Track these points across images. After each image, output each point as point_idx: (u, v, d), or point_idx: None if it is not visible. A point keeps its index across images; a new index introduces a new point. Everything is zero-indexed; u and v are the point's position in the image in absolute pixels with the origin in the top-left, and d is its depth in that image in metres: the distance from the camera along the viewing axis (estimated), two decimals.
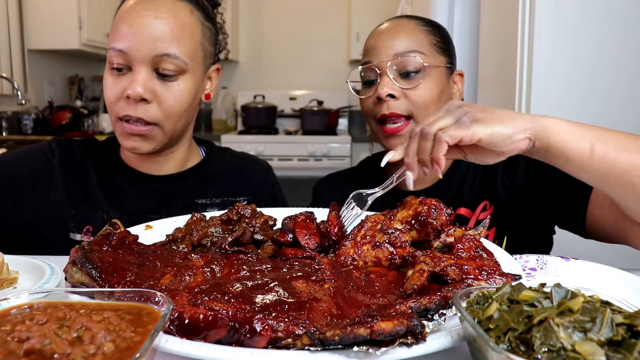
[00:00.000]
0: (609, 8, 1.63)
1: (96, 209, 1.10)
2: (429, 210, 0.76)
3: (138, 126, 1.02)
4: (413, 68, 1.08)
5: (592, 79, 1.66)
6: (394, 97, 1.08)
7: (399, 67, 1.09)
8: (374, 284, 0.67)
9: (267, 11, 4.70)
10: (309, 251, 0.78)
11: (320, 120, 4.30)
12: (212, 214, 0.94)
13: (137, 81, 1.00)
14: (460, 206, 1.13)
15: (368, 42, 1.16)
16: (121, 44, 1.00)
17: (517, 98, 1.72)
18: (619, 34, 1.64)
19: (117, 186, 1.14)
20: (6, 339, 0.46)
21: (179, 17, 1.04)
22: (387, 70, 1.08)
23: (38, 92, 3.95)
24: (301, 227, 0.82)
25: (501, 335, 0.46)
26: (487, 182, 1.14)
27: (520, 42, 1.69)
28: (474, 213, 1.12)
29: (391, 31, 1.13)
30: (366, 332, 0.48)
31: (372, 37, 1.15)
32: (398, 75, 1.09)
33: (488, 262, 0.67)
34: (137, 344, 0.46)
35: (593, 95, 1.67)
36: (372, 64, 1.11)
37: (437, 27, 1.17)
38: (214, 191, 1.19)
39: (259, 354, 0.50)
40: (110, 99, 1.03)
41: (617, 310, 0.48)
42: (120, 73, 1.02)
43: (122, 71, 1.02)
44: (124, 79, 1.02)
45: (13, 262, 0.83)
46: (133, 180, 1.16)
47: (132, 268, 0.67)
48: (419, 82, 1.08)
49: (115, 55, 1.01)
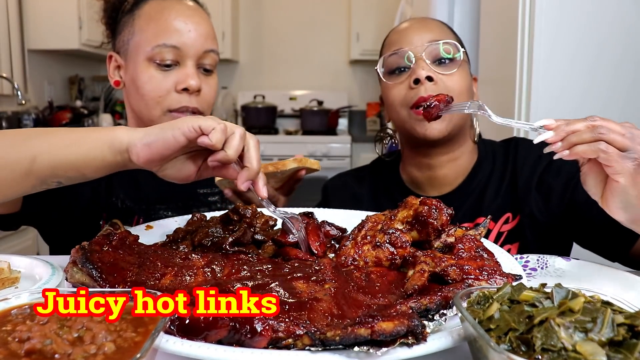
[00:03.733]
0: (609, 8, 1.63)
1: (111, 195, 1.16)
2: (429, 210, 0.76)
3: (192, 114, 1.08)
4: (448, 55, 1.05)
5: (592, 78, 1.66)
6: (432, 81, 1.03)
7: (434, 53, 1.05)
8: (375, 284, 0.67)
9: (267, 11, 4.70)
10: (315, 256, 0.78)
11: (320, 120, 4.30)
12: (212, 214, 0.94)
13: (193, 74, 1.07)
14: (480, 216, 1.08)
15: (394, 35, 1.12)
16: (175, 39, 1.06)
17: (517, 98, 1.72)
18: (619, 34, 1.64)
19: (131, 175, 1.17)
20: (7, 339, 0.46)
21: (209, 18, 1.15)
22: (423, 55, 1.04)
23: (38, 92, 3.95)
24: (313, 234, 0.82)
25: (502, 336, 0.46)
26: (515, 195, 1.08)
27: (520, 42, 1.69)
28: (495, 224, 1.08)
29: (421, 23, 1.11)
30: (367, 333, 0.48)
31: (399, 31, 1.11)
32: (432, 62, 1.05)
33: (489, 263, 0.67)
34: (138, 344, 0.46)
35: (593, 95, 1.67)
36: (405, 49, 1.06)
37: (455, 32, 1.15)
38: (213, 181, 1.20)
39: (259, 354, 0.50)
40: (160, 93, 1.07)
41: (618, 310, 0.48)
42: (168, 69, 1.07)
43: (171, 67, 1.07)
44: (172, 74, 1.07)
45: (14, 262, 0.83)
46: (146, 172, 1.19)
47: (133, 268, 0.67)
48: (454, 68, 1.05)
49: (167, 51, 1.05)
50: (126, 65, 1.11)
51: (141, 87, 1.07)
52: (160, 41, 1.05)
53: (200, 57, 1.09)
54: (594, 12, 1.63)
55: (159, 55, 1.06)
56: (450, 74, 1.05)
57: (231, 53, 4.34)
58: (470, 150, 1.15)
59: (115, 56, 1.13)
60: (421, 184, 1.16)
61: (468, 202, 1.11)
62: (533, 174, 1.07)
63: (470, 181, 1.13)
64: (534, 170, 1.08)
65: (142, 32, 1.08)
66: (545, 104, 1.66)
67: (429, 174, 1.14)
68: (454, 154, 1.12)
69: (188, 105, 1.07)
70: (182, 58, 1.07)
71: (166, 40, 1.05)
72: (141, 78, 1.07)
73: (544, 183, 1.06)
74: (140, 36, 1.08)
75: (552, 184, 1.05)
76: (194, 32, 1.07)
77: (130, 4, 1.13)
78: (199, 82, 1.07)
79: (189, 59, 1.07)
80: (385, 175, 1.24)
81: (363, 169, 1.32)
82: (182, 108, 1.07)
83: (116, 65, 1.14)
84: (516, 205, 1.08)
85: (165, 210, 1.20)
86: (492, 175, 1.12)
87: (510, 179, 1.10)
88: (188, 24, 1.07)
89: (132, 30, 1.09)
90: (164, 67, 1.06)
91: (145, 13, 1.09)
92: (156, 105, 1.07)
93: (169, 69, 1.07)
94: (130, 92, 1.11)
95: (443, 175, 1.13)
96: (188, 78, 1.06)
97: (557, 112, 1.66)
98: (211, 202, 1.26)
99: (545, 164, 1.07)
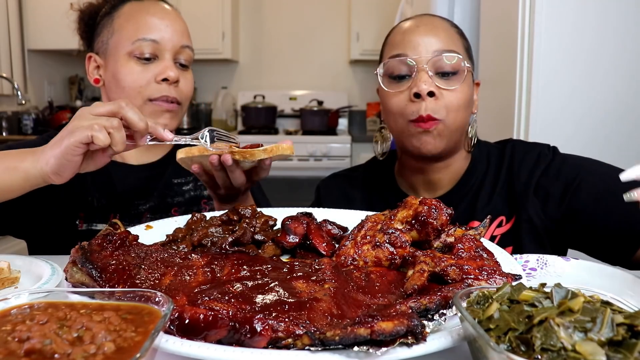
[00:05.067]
0: (609, 8, 1.63)
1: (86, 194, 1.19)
2: (429, 210, 0.76)
3: (172, 104, 1.17)
4: (452, 69, 1.01)
5: (592, 79, 1.66)
6: (433, 96, 1.00)
7: (438, 65, 1.01)
8: (374, 284, 0.67)
9: (267, 11, 4.69)
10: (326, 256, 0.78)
11: (320, 120, 4.30)
12: (212, 214, 0.94)
13: (172, 66, 1.15)
14: (474, 220, 1.07)
15: (397, 36, 1.07)
16: (154, 34, 1.14)
17: (517, 98, 1.72)
18: (619, 34, 1.64)
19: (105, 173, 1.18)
20: (7, 339, 0.46)
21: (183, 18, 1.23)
22: (426, 66, 1.01)
23: (38, 92, 3.95)
24: (317, 235, 0.82)
25: (501, 335, 0.46)
26: (510, 198, 1.07)
27: (520, 42, 1.69)
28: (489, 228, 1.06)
29: (429, 26, 1.05)
30: (366, 332, 0.48)
31: (407, 31, 1.06)
32: (435, 74, 1.02)
33: (488, 262, 0.67)
34: (138, 344, 0.46)
35: (593, 95, 1.67)
36: (409, 56, 1.02)
37: (463, 34, 1.11)
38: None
39: (259, 354, 0.49)
40: (141, 83, 1.14)
41: (618, 310, 0.48)
42: (147, 62, 1.14)
43: (150, 60, 1.14)
44: (152, 66, 1.14)
45: (14, 262, 0.83)
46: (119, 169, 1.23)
47: (133, 268, 0.67)
48: (457, 84, 1.02)
49: (146, 45, 1.13)
50: (106, 64, 1.18)
51: (122, 79, 1.13)
52: (140, 35, 1.13)
53: (177, 52, 1.17)
54: (593, 12, 1.64)
55: (138, 50, 1.13)
56: (454, 90, 1.02)
57: (231, 53, 4.34)
58: (464, 156, 1.14)
59: (95, 57, 1.20)
60: (415, 186, 1.17)
61: (462, 205, 1.10)
62: (531, 177, 1.06)
63: (464, 184, 1.12)
64: (532, 174, 1.06)
65: (121, 30, 1.15)
66: (545, 104, 1.66)
67: (422, 177, 1.15)
68: (447, 161, 1.12)
69: (168, 95, 1.15)
70: (160, 52, 1.15)
71: (146, 35, 1.13)
72: (122, 72, 1.13)
73: (542, 187, 1.04)
74: (120, 34, 1.15)
75: (550, 189, 1.04)
76: (170, 28, 1.16)
77: (109, 7, 1.20)
78: (177, 74, 1.15)
79: (167, 52, 1.15)
80: (379, 175, 1.24)
81: (357, 169, 1.31)
82: (162, 97, 1.14)
83: (95, 65, 1.20)
84: (510, 208, 1.07)
85: (143, 204, 1.22)
86: (485, 178, 1.11)
87: (505, 182, 1.09)
88: (165, 20, 1.16)
89: (112, 30, 1.16)
90: (144, 60, 1.14)
91: (124, 13, 1.17)
92: (137, 95, 1.13)
93: (148, 62, 1.14)
94: (111, 87, 1.17)
95: (437, 179, 1.14)
96: (167, 69, 1.14)
97: (557, 112, 1.66)
98: (185, 190, 1.29)
99: (543, 167, 1.06)
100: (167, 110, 1.16)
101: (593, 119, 1.67)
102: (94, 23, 1.22)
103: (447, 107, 1.02)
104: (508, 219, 1.07)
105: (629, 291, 0.74)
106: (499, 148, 1.16)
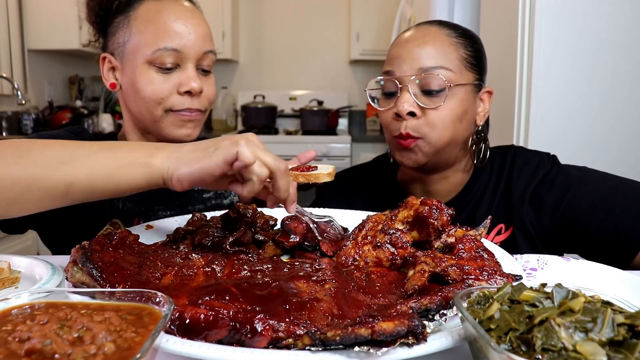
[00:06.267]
0: (609, 8, 1.63)
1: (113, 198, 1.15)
2: (430, 211, 0.76)
3: (195, 113, 1.10)
4: (437, 87, 1.01)
5: (592, 79, 1.67)
6: (414, 115, 1.02)
7: (422, 83, 1.01)
8: (375, 284, 0.67)
9: (267, 11, 4.70)
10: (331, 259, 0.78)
11: (320, 120, 4.30)
12: (212, 214, 0.94)
13: (195, 77, 1.07)
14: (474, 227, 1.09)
15: (393, 50, 1.08)
16: (176, 42, 1.05)
17: (517, 98, 1.72)
18: (619, 34, 1.64)
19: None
20: (7, 339, 0.45)
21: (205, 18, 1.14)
22: (409, 85, 1.01)
23: (38, 92, 3.95)
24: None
25: (502, 336, 0.46)
26: (509, 206, 1.07)
27: (520, 42, 1.69)
28: (488, 235, 1.06)
29: (418, 41, 1.04)
30: (367, 333, 0.48)
31: (397, 45, 1.07)
32: (420, 91, 1.02)
33: (489, 263, 0.67)
34: (138, 344, 0.46)
35: (593, 95, 1.67)
36: (393, 76, 1.04)
37: (470, 39, 1.09)
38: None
39: (259, 354, 0.49)
40: (162, 94, 1.06)
41: (618, 310, 0.48)
42: (168, 72, 1.06)
43: (171, 70, 1.06)
44: (173, 76, 1.06)
45: (14, 262, 0.83)
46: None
47: (133, 268, 0.67)
48: (441, 102, 1.01)
49: (168, 55, 1.04)
50: (122, 68, 1.09)
51: (141, 89, 1.05)
52: (160, 44, 1.04)
53: (199, 59, 1.08)
54: (593, 12, 1.64)
55: (159, 59, 1.04)
56: (436, 108, 1.01)
57: (231, 53, 4.34)
58: (466, 168, 1.14)
59: (110, 57, 1.11)
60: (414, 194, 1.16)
61: (463, 215, 1.10)
62: (528, 186, 1.06)
63: (466, 194, 1.12)
64: (529, 183, 1.06)
65: (140, 35, 1.05)
66: (545, 104, 1.66)
67: (421, 186, 1.15)
68: (445, 173, 1.12)
69: (191, 107, 1.08)
70: (182, 61, 1.06)
71: (167, 44, 1.04)
72: (141, 81, 1.05)
73: (537, 196, 1.05)
74: (138, 39, 1.05)
75: (544, 198, 1.04)
76: (193, 34, 1.06)
77: (124, 3, 1.11)
78: (201, 84, 1.07)
79: (189, 61, 1.07)
80: (381, 177, 1.24)
81: (358, 170, 1.31)
82: (185, 110, 1.08)
83: (110, 66, 1.12)
84: (509, 216, 1.07)
85: (163, 210, 1.20)
86: (488, 187, 1.11)
87: (504, 189, 1.09)
88: (188, 26, 1.06)
89: (129, 32, 1.07)
90: (165, 70, 1.05)
91: (141, 14, 1.07)
92: (157, 106, 1.06)
93: (169, 72, 1.06)
94: (129, 95, 1.09)
95: (435, 190, 1.14)
96: (190, 81, 1.06)
97: (557, 112, 1.66)
98: (205, 198, 1.27)
99: (540, 177, 1.06)
100: (190, 120, 1.10)
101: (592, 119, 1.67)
102: (106, 14, 1.14)
103: (430, 125, 1.02)
104: (507, 227, 1.07)
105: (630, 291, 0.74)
106: (501, 154, 1.15)
